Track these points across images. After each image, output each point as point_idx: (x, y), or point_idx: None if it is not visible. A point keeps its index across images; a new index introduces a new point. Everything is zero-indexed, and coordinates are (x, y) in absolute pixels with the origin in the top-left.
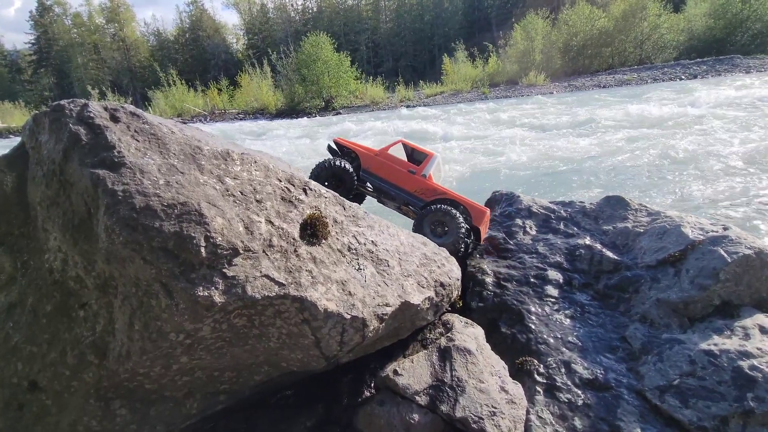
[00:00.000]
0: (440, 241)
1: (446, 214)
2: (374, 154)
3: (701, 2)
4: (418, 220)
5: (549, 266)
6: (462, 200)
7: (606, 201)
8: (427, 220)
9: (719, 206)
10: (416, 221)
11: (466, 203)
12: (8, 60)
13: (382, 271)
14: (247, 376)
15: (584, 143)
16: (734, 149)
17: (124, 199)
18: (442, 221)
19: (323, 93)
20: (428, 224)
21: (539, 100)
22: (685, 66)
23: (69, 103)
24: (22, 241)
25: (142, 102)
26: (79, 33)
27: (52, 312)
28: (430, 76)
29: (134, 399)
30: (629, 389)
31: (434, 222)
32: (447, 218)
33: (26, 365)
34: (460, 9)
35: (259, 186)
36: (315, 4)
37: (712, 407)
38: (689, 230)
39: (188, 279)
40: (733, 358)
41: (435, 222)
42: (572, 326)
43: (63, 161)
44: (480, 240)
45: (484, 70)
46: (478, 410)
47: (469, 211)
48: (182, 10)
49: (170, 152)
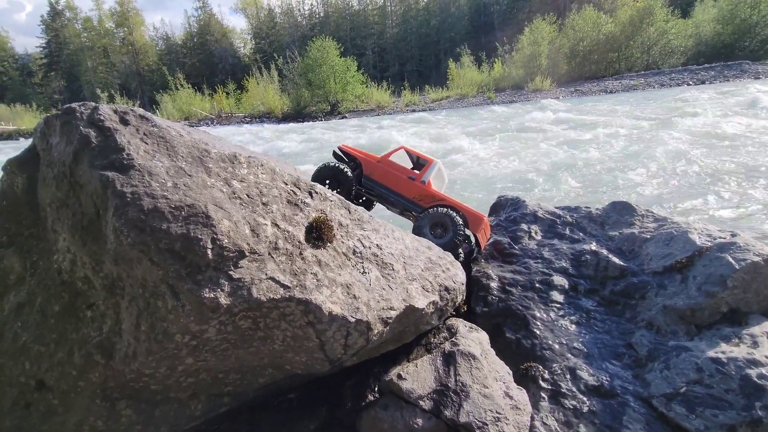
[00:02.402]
0: (440, 242)
1: (444, 215)
2: (376, 161)
3: (709, 8)
4: (417, 223)
5: (554, 271)
6: (459, 206)
7: (612, 206)
8: (426, 222)
9: (727, 212)
10: (415, 224)
11: (463, 209)
12: (19, 63)
13: (386, 275)
14: (251, 378)
15: (590, 148)
16: (743, 155)
17: (133, 200)
18: (441, 222)
19: (329, 97)
20: (427, 226)
21: (545, 104)
22: (693, 71)
23: (80, 106)
24: (32, 242)
25: (150, 105)
26: (89, 37)
27: (60, 312)
28: (436, 81)
29: (139, 400)
30: (635, 396)
31: (433, 224)
32: (446, 219)
33: (34, 364)
34: (467, 14)
35: (265, 189)
36: (322, 8)
37: (720, 416)
38: (696, 236)
39: (194, 281)
40: (741, 366)
41: (434, 224)
42: (578, 332)
43: (73, 163)
44: (481, 248)
45: (490, 75)
46: (482, 416)
47: (467, 217)
48: (190, 15)
49: (178, 155)
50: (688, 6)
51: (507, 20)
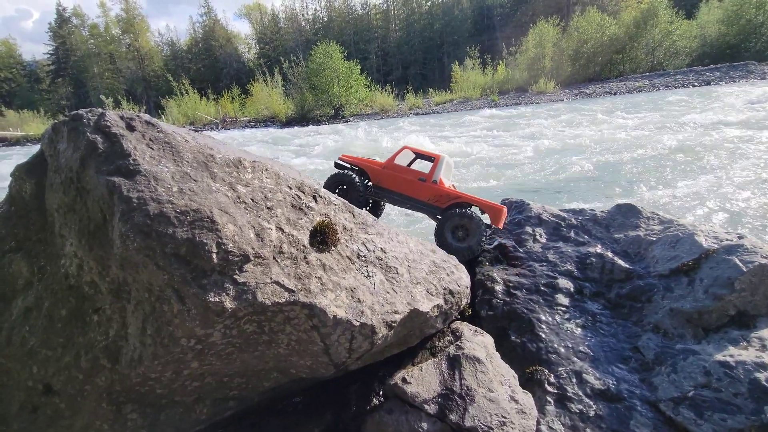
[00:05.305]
0: (463, 246)
1: (464, 216)
2: (381, 166)
3: (714, 8)
4: (438, 228)
5: (559, 274)
6: (478, 201)
7: (617, 209)
8: (447, 225)
9: (733, 215)
10: (437, 229)
11: (482, 204)
12: (27, 70)
13: (391, 279)
14: (256, 382)
15: (594, 151)
16: (750, 157)
17: (139, 206)
18: (462, 225)
19: (333, 101)
20: (449, 230)
21: (549, 107)
22: (698, 72)
23: (87, 113)
24: (40, 247)
25: (156, 110)
26: (96, 43)
27: (67, 316)
28: (440, 84)
29: (145, 403)
30: (642, 400)
31: (455, 227)
32: (466, 220)
33: (41, 368)
34: (470, 17)
35: (269, 193)
36: (325, 13)
37: (728, 420)
38: (703, 239)
39: (200, 285)
40: (749, 369)
41: (455, 227)
42: (583, 336)
43: (80, 169)
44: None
45: (493, 77)
46: (487, 420)
47: (487, 212)
48: (195, 21)
49: (184, 160)
50: (693, 7)
51: (510, 23)
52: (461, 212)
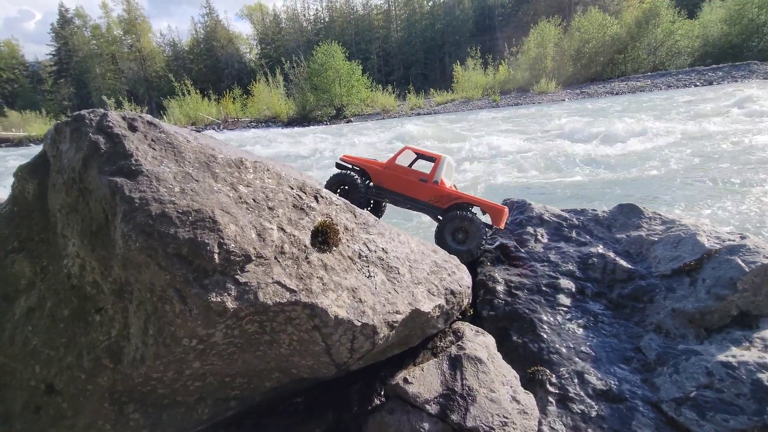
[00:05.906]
0: (463, 248)
1: (464, 218)
2: (382, 167)
3: (716, 8)
4: (438, 229)
5: (561, 275)
6: (479, 202)
7: (619, 209)
8: (447, 227)
9: (735, 216)
10: (437, 230)
11: (483, 204)
12: (29, 71)
13: (392, 279)
14: (257, 382)
15: (595, 151)
16: (753, 157)
17: (141, 206)
18: (463, 227)
19: (334, 101)
20: (449, 232)
21: (550, 107)
22: (700, 72)
23: (89, 113)
24: (42, 247)
25: (158, 111)
26: (98, 44)
27: (70, 316)
28: (441, 84)
29: (147, 403)
30: (644, 401)
31: (455, 229)
32: (466, 223)
33: (44, 368)
34: (471, 17)
35: (271, 193)
36: (327, 13)
37: (731, 421)
38: (705, 239)
39: (201, 285)
40: (752, 370)
41: (455, 229)
42: (585, 336)
43: (82, 169)
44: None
45: (495, 77)
46: (489, 420)
47: (488, 212)
48: (197, 21)
49: (186, 160)
50: (695, 7)
51: (511, 23)
52: (461, 214)
